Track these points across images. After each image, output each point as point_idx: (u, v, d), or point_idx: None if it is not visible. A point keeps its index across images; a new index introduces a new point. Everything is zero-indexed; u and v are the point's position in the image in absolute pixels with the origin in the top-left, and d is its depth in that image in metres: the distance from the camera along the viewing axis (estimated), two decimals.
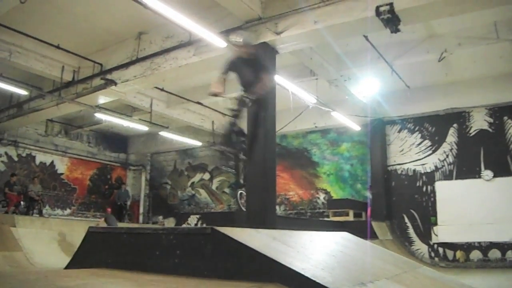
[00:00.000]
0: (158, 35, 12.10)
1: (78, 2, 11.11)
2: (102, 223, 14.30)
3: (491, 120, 15.50)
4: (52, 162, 20.88)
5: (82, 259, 5.07)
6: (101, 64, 13.33)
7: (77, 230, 11.53)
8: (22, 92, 14.87)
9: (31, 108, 15.73)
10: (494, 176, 14.97)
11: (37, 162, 20.26)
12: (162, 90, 16.35)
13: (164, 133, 19.31)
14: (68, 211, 20.82)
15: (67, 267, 5.12)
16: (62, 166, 21.27)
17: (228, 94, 6.70)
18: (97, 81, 13.25)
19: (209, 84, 15.80)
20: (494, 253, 14.61)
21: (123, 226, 14.53)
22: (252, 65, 6.31)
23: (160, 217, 21.80)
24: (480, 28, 11.56)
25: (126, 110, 18.12)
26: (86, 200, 21.79)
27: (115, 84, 12.84)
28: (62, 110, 15.27)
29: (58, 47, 12.80)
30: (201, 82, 15.69)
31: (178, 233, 4.42)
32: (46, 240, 11.14)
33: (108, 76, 12.93)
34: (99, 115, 16.43)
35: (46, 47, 12.82)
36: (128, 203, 21.92)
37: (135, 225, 18.26)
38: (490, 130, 15.49)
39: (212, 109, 18.87)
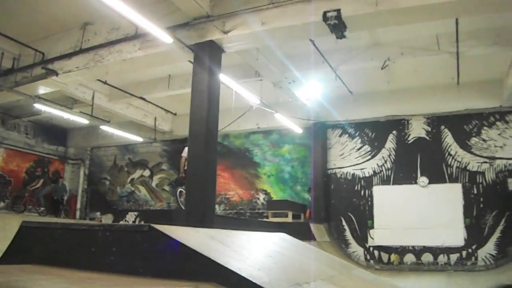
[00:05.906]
0: (103, 27, 11.80)
1: None
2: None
3: (429, 129, 15.99)
4: None
5: (14, 255, 4.88)
6: (43, 53, 12.89)
7: (10, 224, 11.13)
8: None
9: None
10: (430, 183, 15.47)
11: None
12: (105, 83, 15.98)
13: (105, 127, 18.88)
14: (1, 204, 20.05)
15: None
16: None
17: None
18: (38, 70, 12.79)
19: (153, 79, 15.75)
20: (427, 257, 15.08)
21: (58, 221, 14.14)
22: None
23: (98, 213, 21.25)
24: (422, 39, 11.91)
25: (67, 102, 17.56)
26: (21, 194, 20.91)
27: (57, 74, 12.44)
28: None
29: None
30: (145, 77, 15.47)
31: (115, 230, 4.32)
32: None
33: (50, 66, 12.51)
34: (38, 106, 15.89)
35: None
36: (65, 198, 21.31)
37: (71, 221, 17.80)
38: (427, 138, 15.98)
39: (155, 105, 18.65)
